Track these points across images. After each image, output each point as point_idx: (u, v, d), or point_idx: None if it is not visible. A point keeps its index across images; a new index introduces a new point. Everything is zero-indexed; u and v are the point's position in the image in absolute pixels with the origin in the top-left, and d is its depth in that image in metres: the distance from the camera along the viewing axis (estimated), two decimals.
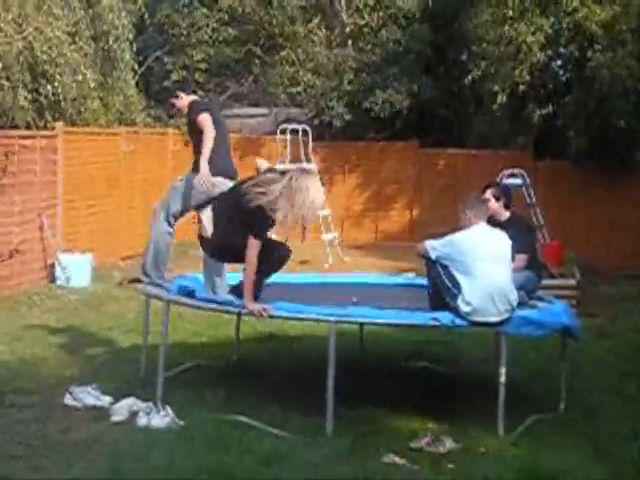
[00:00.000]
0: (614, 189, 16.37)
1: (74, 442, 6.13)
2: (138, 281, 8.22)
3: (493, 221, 7.49)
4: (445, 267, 6.70)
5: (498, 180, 13.66)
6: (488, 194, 8.04)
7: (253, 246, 6.66)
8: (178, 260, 15.59)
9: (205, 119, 7.79)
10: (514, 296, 6.68)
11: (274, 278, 7.43)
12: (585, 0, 15.30)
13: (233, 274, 7.64)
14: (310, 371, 7.37)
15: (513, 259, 7.00)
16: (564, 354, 7.30)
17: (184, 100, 8.23)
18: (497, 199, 8.03)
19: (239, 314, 7.48)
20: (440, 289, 6.70)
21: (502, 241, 6.86)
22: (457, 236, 6.80)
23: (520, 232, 7.59)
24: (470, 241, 6.71)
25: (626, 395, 7.72)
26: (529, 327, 6.73)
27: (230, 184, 7.67)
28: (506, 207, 8.09)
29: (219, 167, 7.81)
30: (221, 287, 7.51)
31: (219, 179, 7.76)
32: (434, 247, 6.78)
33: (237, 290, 7.07)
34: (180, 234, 17.95)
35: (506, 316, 6.60)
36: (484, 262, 6.57)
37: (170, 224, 8.13)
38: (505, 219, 7.97)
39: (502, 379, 6.54)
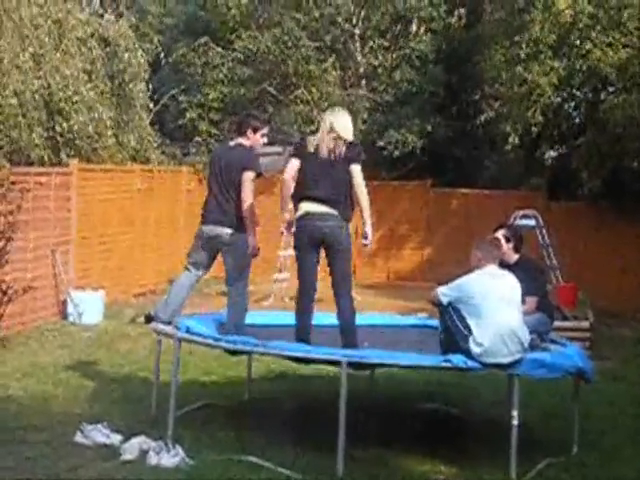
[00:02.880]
0: (628, 230, 16.32)
1: None
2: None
3: (501, 263, 7.46)
4: (456, 310, 6.69)
5: (511, 221, 13.64)
6: (499, 235, 8.04)
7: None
8: (190, 297, 15.61)
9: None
10: (525, 337, 6.66)
11: (286, 319, 7.44)
12: (598, 43, 15.36)
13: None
14: (321, 411, 7.35)
15: (523, 302, 6.98)
16: (577, 396, 7.25)
17: (251, 140, 7.90)
18: (507, 240, 8.01)
19: (250, 353, 7.46)
20: (452, 331, 6.69)
21: (511, 283, 6.86)
22: (466, 279, 6.80)
23: (529, 275, 7.57)
24: (479, 284, 6.70)
25: (639, 438, 7.65)
26: (542, 370, 6.71)
27: None
28: (516, 250, 8.05)
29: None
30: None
31: None
32: (444, 293, 6.78)
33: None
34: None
35: (518, 357, 6.58)
36: (493, 304, 6.57)
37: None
38: (514, 262, 7.94)
39: (515, 422, 6.50)
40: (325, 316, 7.79)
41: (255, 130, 7.78)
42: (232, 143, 7.96)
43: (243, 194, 7.52)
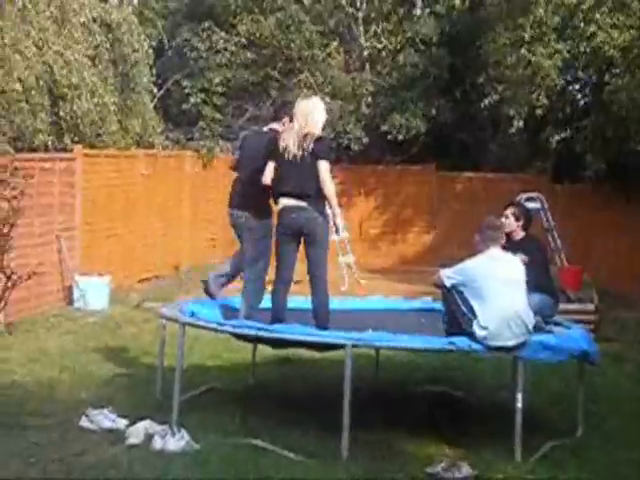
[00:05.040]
0: (632, 213, 16.28)
1: (90, 465, 6.13)
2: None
3: (508, 239, 7.54)
4: (460, 293, 6.70)
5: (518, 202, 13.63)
6: (509, 212, 8.14)
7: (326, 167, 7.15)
8: (195, 282, 15.65)
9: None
10: (530, 319, 6.66)
11: (292, 303, 7.49)
12: (603, 25, 15.29)
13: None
14: (326, 395, 7.36)
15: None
16: (582, 379, 7.26)
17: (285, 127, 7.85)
18: (517, 219, 8.12)
19: (254, 337, 7.48)
20: (456, 315, 6.70)
21: (515, 266, 6.86)
22: (469, 263, 6.81)
23: (531, 252, 7.66)
24: (482, 267, 6.71)
25: None
26: (547, 352, 6.71)
27: None
28: (524, 228, 8.15)
29: None
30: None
31: None
32: (448, 276, 6.79)
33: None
34: (200, 257, 18.07)
35: (522, 340, 6.58)
36: (497, 287, 6.57)
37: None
38: (519, 238, 8.02)
39: (519, 404, 6.51)
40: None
41: (292, 119, 7.81)
42: (265, 128, 8.07)
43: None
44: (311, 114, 7.36)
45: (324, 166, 7.21)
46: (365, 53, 20.41)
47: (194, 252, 18.02)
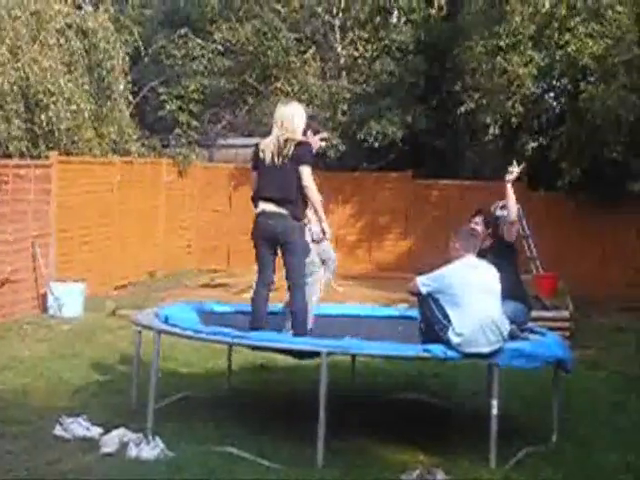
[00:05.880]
0: (607, 220, 16.42)
1: (63, 473, 6.10)
2: None
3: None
4: (436, 300, 6.71)
5: (492, 211, 13.65)
6: (478, 220, 8.09)
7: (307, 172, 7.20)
8: (170, 289, 15.61)
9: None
10: (505, 326, 6.68)
11: (269, 308, 7.51)
12: (577, 34, 15.40)
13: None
14: (301, 402, 7.35)
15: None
16: (556, 386, 7.29)
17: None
18: (486, 226, 8.08)
19: (230, 344, 7.47)
20: (431, 322, 6.71)
21: (490, 273, 6.89)
22: (445, 270, 6.83)
23: (501, 253, 7.67)
24: (458, 274, 6.74)
25: (618, 426, 7.71)
26: (521, 359, 6.74)
27: None
28: (493, 235, 8.11)
29: None
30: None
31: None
32: (424, 283, 6.81)
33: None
34: (176, 264, 18.03)
35: (497, 346, 6.61)
36: (473, 294, 6.60)
37: None
38: (487, 246, 7.98)
39: (494, 411, 6.53)
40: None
41: (315, 133, 7.86)
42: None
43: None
44: (291, 119, 7.36)
45: (306, 171, 7.22)
46: (341, 61, 20.44)
47: (169, 259, 17.98)
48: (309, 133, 7.71)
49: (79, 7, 16.18)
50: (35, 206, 12.92)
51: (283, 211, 7.21)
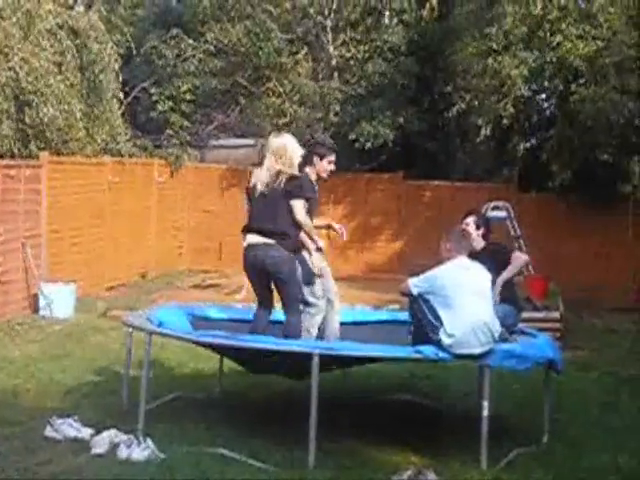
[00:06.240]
0: (598, 222, 16.46)
1: (54, 474, 6.08)
2: None
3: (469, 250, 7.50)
4: (427, 301, 6.71)
5: (483, 212, 13.69)
6: (469, 220, 8.11)
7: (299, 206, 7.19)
8: (162, 290, 15.59)
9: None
10: (496, 328, 6.69)
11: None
12: (568, 35, 15.44)
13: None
14: (293, 403, 7.34)
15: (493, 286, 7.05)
16: (547, 387, 7.30)
17: (317, 167, 7.89)
18: (477, 227, 8.09)
19: (221, 347, 7.45)
20: (422, 323, 6.71)
21: (482, 275, 6.90)
22: (437, 271, 6.83)
23: (495, 257, 7.68)
24: (450, 275, 6.74)
25: (608, 427, 7.72)
26: (512, 360, 6.74)
27: None
28: (484, 237, 8.13)
29: None
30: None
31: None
32: (415, 284, 6.82)
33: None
34: (167, 265, 18.01)
35: (488, 348, 6.61)
36: (465, 295, 6.61)
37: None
38: (480, 249, 7.98)
39: (485, 412, 6.53)
40: None
41: (322, 157, 7.79)
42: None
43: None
44: (284, 152, 7.35)
45: (297, 205, 7.24)
46: (333, 62, 20.43)
47: (161, 260, 17.96)
48: (315, 159, 7.73)
49: (70, 7, 16.11)
50: (26, 206, 12.89)
51: (270, 241, 7.22)
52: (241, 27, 19.56)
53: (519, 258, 8.19)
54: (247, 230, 7.42)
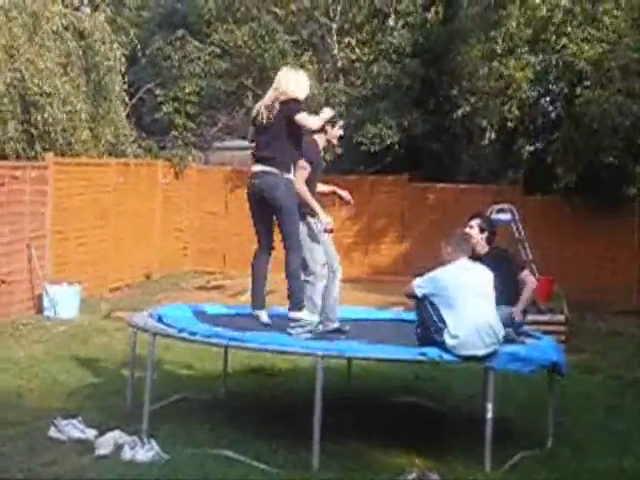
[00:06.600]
0: (603, 224, 16.43)
1: (57, 475, 6.08)
2: None
3: (472, 253, 7.43)
4: (432, 302, 6.71)
5: (488, 215, 13.67)
6: (474, 223, 8.04)
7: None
8: (166, 291, 15.60)
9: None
10: (500, 329, 6.68)
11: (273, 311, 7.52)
12: (574, 38, 15.43)
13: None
14: (297, 405, 7.34)
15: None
16: (551, 389, 7.29)
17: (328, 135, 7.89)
18: (482, 231, 8.01)
19: (226, 347, 7.45)
20: (427, 324, 6.70)
21: (485, 276, 6.89)
22: (439, 272, 6.83)
23: (501, 264, 7.60)
24: (453, 276, 6.74)
25: (613, 431, 7.70)
26: (517, 363, 6.74)
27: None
28: (488, 241, 8.05)
29: None
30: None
31: None
32: (419, 285, 6.82)
33: None
34: (171, 266, 18.01)
35: (492, 349, 6.60)
36: (468, 297, 6.60)
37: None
38: (484, 253, 7.93)
39: (489, 415, 6.52)
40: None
41: (333, 125, 7.88)
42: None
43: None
44: (284, 82, 7.42)
45: (299, 117, 7.21)
46: (338, 64, 20.44)
47: (165, 261, 17.97)
48: (327, 126, 7.73)
49: (76, 8, 16.13)
50: (31, 207, 12.90)
51: (268, 169, 7.25)
52: (246, 29, 19.56)
53: (530, 283, 8.03)
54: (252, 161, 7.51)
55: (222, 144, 21.23)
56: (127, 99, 17.26)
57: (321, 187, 8.00)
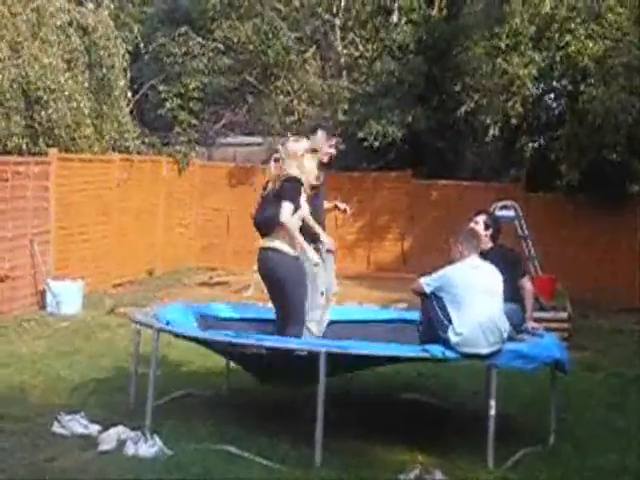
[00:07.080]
0: (606, 222, 16.41)
1: (61, 470, 6.09)
2: None
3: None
4: (439, 299, 6.73)
5: (492, 210, 13.66)
6: (479, 219, 8.05)
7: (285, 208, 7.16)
8: (169, 288, 15.61)
9: None
10: (505, 328, 6.69)
11: (266, 314, 7.52)
12: (578, 35, 15.42)
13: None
14: (300, 402, 7.34)
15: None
16: (554, 387, 7.29)
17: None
18: (486, 227, 8.03)
19: (229, 344, 7.46)
20: (432, 321, 6.72)
21: (493, 275, 6.90)
22: (449, 269, 6.85)
23: (505, 261, 7.61)
24: (462, 274, 6.75)
25: (615, 428, 7.71)
26: (520, 360, 6.74)
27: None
28: (492, 238, 8.06)
29: None
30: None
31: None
32: (427, 282, 6.86)
33: None
34: (174, 262, 18.02)
35: (496, 348, 6.62)
36: (475, 294, 6.61)
37: None
38: (487, 249, 7.93)
39: (492, 412, 6.53)
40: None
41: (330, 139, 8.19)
42: None
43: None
44: (285, 158, 7.50)
45: (285, 207, 7.24)
46: (342, 60, 20.45)
47: (168, 257, 17.98)
48: (321, 137, 7.75)
49: (80, 4, 16.12)
50: (34, 203, 12.92)
51: (271, 244, 7.32)
52: (250, 25, 19.57)
53: (529, 290, 8.03)
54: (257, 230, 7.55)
55: (225, 140, 21.23)
56: (130, 95, 17.26)
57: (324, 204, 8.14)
